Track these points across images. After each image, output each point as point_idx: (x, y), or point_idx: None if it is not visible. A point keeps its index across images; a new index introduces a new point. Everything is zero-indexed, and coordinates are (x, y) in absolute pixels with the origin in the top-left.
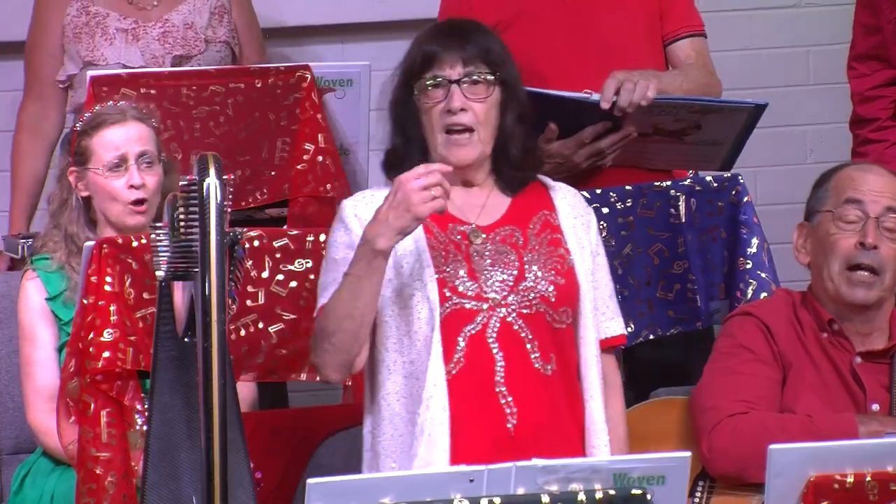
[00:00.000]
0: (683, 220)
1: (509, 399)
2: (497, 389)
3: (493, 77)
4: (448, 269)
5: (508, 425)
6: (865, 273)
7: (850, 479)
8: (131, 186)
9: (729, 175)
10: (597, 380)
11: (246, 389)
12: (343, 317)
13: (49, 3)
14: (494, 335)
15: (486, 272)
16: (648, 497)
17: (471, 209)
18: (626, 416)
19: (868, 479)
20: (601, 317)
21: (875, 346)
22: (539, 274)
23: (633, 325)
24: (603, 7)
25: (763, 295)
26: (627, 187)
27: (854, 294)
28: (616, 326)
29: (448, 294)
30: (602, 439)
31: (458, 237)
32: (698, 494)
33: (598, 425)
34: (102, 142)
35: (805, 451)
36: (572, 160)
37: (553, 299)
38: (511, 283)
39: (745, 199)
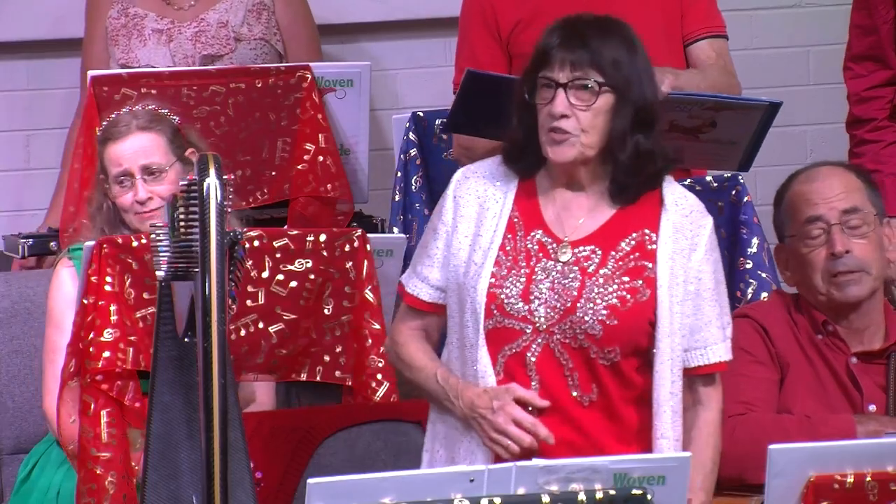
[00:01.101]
0: None
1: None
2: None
3: (600, 84)
4: (505, 284)
5: (543, 439)
6: (848, 273)
7: (850, 479)
8: (137, 202)
9: (729, 175)
10: (669, 419)
11: (264, 393)
12: (403, 376)
13: (94, 7)
14: (534, 359)
15: (541, 295)
16: (648, 497)
17: (567, 216)
18: (718, 438)
19: (868, 479)
20: (694, 343)
21: (870, 346)
22: (592, 309)
23: None
24: (622, 6)
25: (763, 295)
26: None
27: (847, 293)
28: (713, 354)
29: (494, 311)
30: None
31: (536, 247)
32: None
33: None
34: (109, 157)
35: (805, 451)
36: None
37: (599, 337)
38: (561, 313)
39: (745, 199)
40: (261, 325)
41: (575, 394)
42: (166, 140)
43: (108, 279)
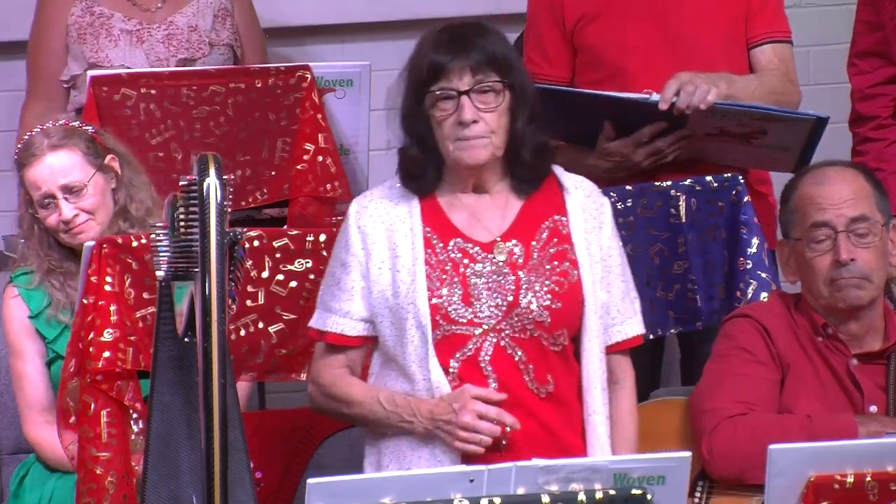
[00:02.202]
0: (683, 220)
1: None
2: None
3: (502, 84)
4: (443, 293)
5: (507, 429)
6: (852, 278)
7: (850, 479)
8: (63, 222)
9: (729, 175)
10: (600, 394)
11: (242, 388)
12: (338, 415)
13: (53, 3)
14: (487, 359)
15: (481, 297)
16: (648, 497)
17: (478, 220)
18: (636, 415)
19: (868, 479)
20: (611, 321)
21: (870, 347)
22: (535, 298)
23: None
24: (687, 5)
25: (763, 295)
26: (628, 187)
27: (847, 297)
28: (630, 329)
29: (440, 321)
30: (605, 453)
31: (459, 255)
32: (698, 495)
33: (602, 440)
34: (28, 182)
35: (805, 451)
36: (632, 159)
37: (548, 323)
38: (504, 309)
39: (746, 199)
40: (261, 325)
41: (532, 387)
42: (81, 154)
43: (108, 279)
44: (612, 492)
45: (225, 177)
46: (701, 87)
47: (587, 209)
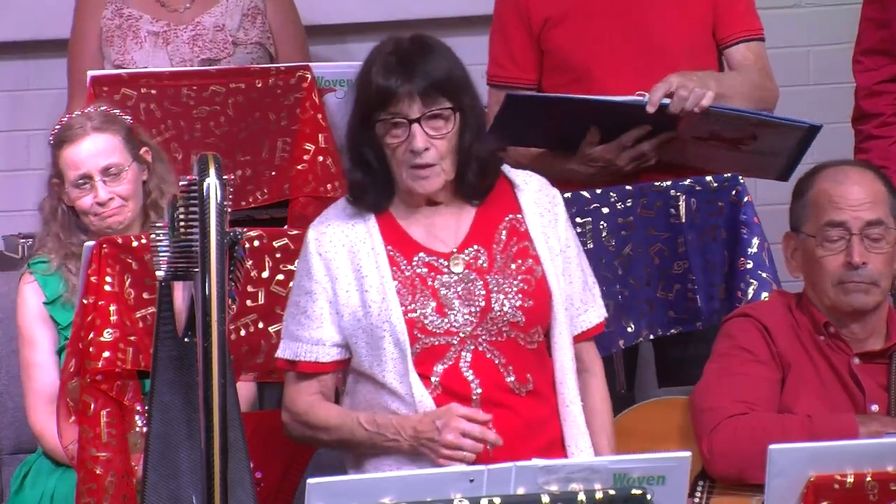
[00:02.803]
0: (683, 220)
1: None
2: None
3: (451, 109)
4: (416, 307)
5: (488, 446)
6: (861, 283)
7: (850, 479)
8: (98, 204)
9: (729, 175)
10: (573, 386)
11: (245, 388)
12: (316, 442)
13: (87, 6)
14: (467, 365)
15: (454, 307)
16: (648, 497)
17: (436, 231)
18: (609, 401)
19: (868, 479)
20: (575, 311)
21: (872, 346)
22: (506, 300)
23: (632, 325)
24: (655, 7)
25: (764, 295)
26: (628, 187)
27: (852, 300)
28: (592, 316)
29: (418, 335)
30: (585, 442)
31: (425, 269)
32: (698, 494)
33: (581, 429)
34: (66, 160)
35: (805, 451)
36: (616, 164)
37: (522, 323)
38: (478, 315)
39: (746, 198)
40: (261, 325)
41: (513, 387)
42: (122, 140)
43: (108, 279)
44: (611, 492)
45: (225, 177)
46: (695, 91)
47: (540, 203)
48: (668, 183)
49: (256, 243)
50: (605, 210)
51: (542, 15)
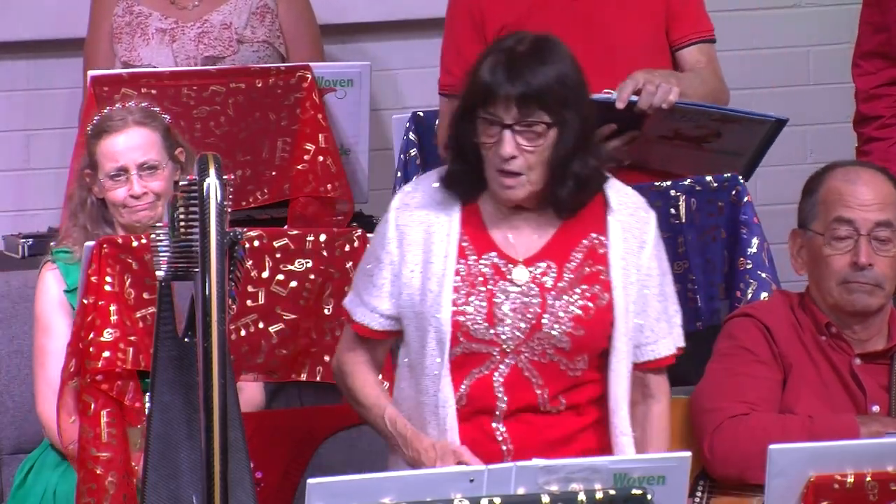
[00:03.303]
0: (683, 220)
1: (507, 437)
2: (495, 428)
3: (547, 124)
4: (467, 310)
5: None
6: (866, 284)
7: (850, 479)
8: (132, 196)
9: (729, 175)
10: (626, 416)
11: (253, 391)
12: (350, 402)
13: (100, 7)
14: (501, 379)
15: (504, 318)
16: (649, 497)
17: (516, 235)
18: (669, 430)
19: (868, 479)
20: (644, 340)
21: (874, 347)
22: (557, 324)
23: None
24: (609, 10)
25: (763, 295)
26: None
27: (855, 301)
28: (663, 348)
29: (461, 338)
30: None
31: (490, 270)
32: (698, 494)
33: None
34: (104, 151)
35: (805, 451)
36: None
37: (568, 349)
38: (527, 332)
39: (745, 199)
40: (261, 325)
41: (543, 409)
42: (160, 137)
43: (108, 279)
44: (612, 492)
45: (225, 177)
46: (662, 87)
47: (629, 228)
48: (669, 183)
49: (256, 243)
50: None
51: (497, 23)
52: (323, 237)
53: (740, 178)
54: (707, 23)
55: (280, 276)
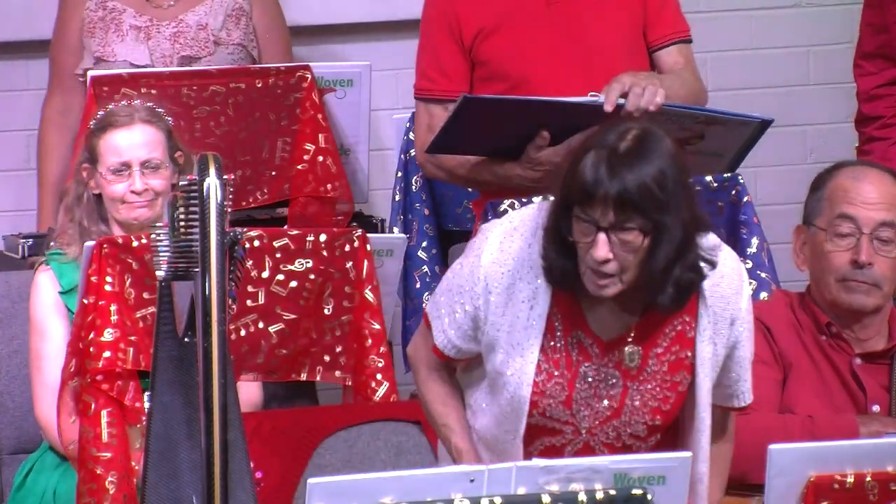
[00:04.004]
0: None
1: None
2: None
3: (644, 230)
4: (546, 392)
5: None
6: (864, 283)
7: (850, 479)
8: (133, 192)
9: (729, 175)
10: (705, 489)
11: (251, 391)
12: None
13: None
14: (573, 452)
15: (583, 404)
16: (649, 497)
17: (605, 313)
18: (729, 456)
19: (868, 479)
20: (725, 392)
21: (874, 346)
22: (638, 412)
23: None
24: (587, 13)
25: (763, 295)
26: None
27: (853, 300)
28: (741, 401)
29: (535, 414)
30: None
31: (576, 351)
32: None
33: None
34: (108, 145)
35: (805, 451)
36: (562, 167)
37: (643, 435)
38: (605, 417)
39: (745, 199)
40: (261, 325)
41: None
42: (165, 137)
43: (108, 279)
44: (612, 492)
45: (225, 177)
46: (648, 89)
47: (720, 312)
48: None
49: (256, 243)
50: None
51: (474, 27)
52: (323, 237)
53: (740, 177)
54: (684, 23)
55: (280, 276)
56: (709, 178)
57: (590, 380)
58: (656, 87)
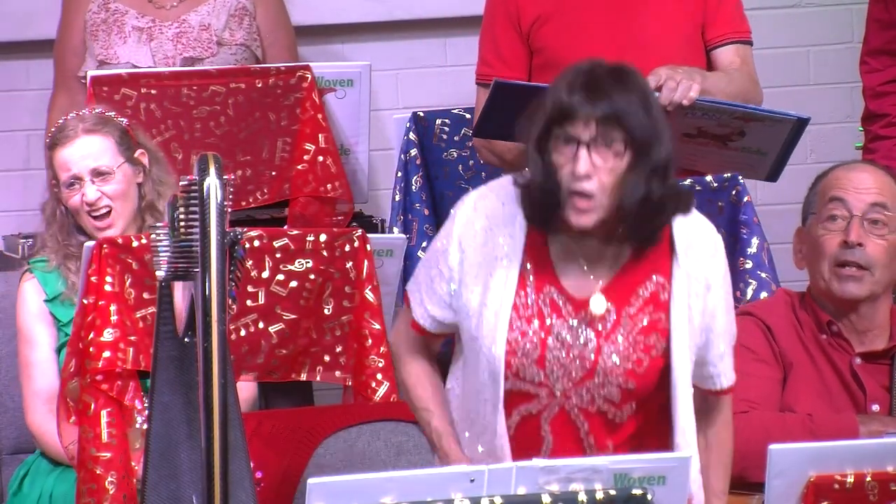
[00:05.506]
0: None
1: None
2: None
3: (625, 143)
4: (519, 350)
5: None
6: (853, 268)
7: (850, 479)
8: (86, 203)
9: (729, 175)
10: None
11: (246, 389)
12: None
13: (73, 0)
14: (549, 420)
15: (556, 361)
16: (649, 497)
17: (578, 270)
18: (730, 442)
19: (868, 479)
20: (705, 375)
21: (874, 346)
22: (610, 375)
23: None
24: (645, 6)
25: (763, 295)
26: None
27: (844, 289)
28: (724, 381)
29: (510, 376)
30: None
31: (548, 307)
32: None
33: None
34: (58, 161)
35: (805, 451)
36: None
37: (617, 401)
38: (578, 379)
39: (745, 199)
40: (261, 325)
41: (590, 453)
42: (114, 142)
43: (108, 279)
44: (612, 492)
45: (225, 177)
46: (683, 83)
47: (694, 273)
48: None
49: (256, 243)
50: None
51: (532, 13)
52: (323, 237)
53: (740, 177)
54: (744, 24)
55: (280, 276)
56: (709, 177)
57: (562, 338)
58: (691, 82)
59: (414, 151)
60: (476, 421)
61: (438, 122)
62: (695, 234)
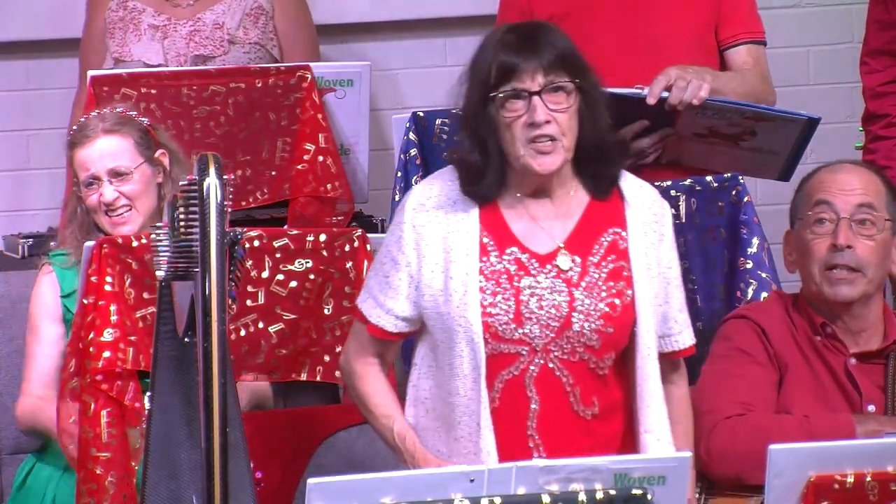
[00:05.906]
0: (683, 220)
1: (539, 443)
2: (528, 433)
3: (573, 84)
4: (494, 311)
5: None
6: (844, 270)
7: (850, 480)
8: (104, 202)
9: (729, 175)
10: (655, 413)
11: (262, 386)
12: (356, 402)
13: (95, 2)
14: (532, 379)
15: (532, 317)
16: (649, 497)
17: (537, 229)
18: (690, 415)
19: (868, 479)
20: (668, 330)
21: (869, 346)
22: (586, 322)
23: None
24: (658, 6)
25: (763, 295)
26: None
27: (837, 292)
28: (685, 339)
29: (489, 339)
30: None
31: (514, 266)
32: (696, 496)
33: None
34: (77, 162)
35: (805, 451)
36: None
37: (597, 348)
38: (556, 330)
39: (746, 199)
40: (261, 325)
41: (576, 408)
42: (133, 142)
43: (108, 279)
44: (612, 492)
45: (225, 177)
46: (693, 83)
47: (647, 221)
48: (669, 183)
49: (256, 243)
50: None
51: (545, 12)
52: (323, 237)
53: (740, 177)
54: (758, 24)
55: (280, 276)
56: (709, 178)
57: (534, 292)
58: (701, 82)
59: (414, 151)
60: (456, 406)
61: (438, 122)
62: (642, 189)
